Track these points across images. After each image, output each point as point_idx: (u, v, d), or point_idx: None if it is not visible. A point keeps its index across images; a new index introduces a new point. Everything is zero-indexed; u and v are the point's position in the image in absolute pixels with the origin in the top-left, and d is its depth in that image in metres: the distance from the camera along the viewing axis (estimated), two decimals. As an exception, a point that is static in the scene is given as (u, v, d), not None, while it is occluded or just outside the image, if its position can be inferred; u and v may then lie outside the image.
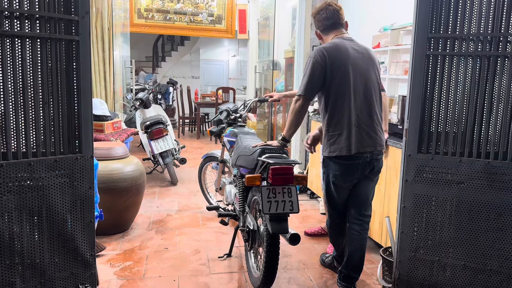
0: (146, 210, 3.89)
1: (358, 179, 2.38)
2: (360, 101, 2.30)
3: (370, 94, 2.33)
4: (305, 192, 4.54)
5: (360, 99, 2.30)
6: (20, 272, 1.68)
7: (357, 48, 2.35)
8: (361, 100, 2.30)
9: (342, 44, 2.32)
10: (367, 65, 2.34)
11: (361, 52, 2.35)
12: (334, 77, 2.26)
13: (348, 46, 2.32)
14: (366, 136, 2.30)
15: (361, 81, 2.30)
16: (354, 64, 2.29)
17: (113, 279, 2.63)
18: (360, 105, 2.29)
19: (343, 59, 2.27)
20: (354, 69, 2.28)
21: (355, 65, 2.29)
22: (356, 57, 2.31)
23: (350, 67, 2.27)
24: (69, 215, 1.80)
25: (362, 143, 2.29)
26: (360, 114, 2.29)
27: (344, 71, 2.26)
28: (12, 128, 1.63)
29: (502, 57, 1.85)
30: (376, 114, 2.35)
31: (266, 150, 2.38)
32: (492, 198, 1.91)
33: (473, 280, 1.98)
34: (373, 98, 2.34)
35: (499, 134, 1.89)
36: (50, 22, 1.68)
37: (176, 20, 8.20)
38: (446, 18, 1.90)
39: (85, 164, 1.83)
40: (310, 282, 2.68)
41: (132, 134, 5.05)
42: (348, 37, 2.40)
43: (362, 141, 2.29)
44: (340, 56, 2.27)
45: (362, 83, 2.30)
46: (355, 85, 2.28)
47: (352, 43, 2.36)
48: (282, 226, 2.20)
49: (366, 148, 2.30)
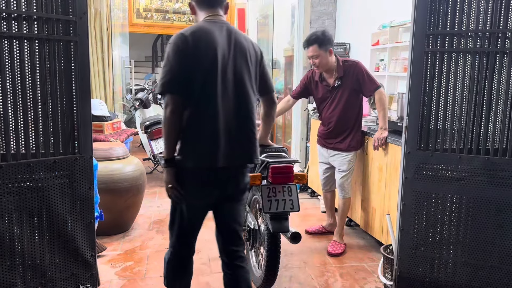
0: (147, 210, 3.89)
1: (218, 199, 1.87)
2: (230, 102, 1.79)
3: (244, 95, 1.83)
4: (306, 190, 4.54)
5: (230, 99, 1.79)
6: (21, 273, 1.69)
7: (233, 37, 1.83)
8: (230, 100, 1.79)
9: (210, 29, 1.79)
10: (241, 58, 1.83)
11: (238, 41, 1.83)
12: (197, 69, 1.74)
13: (219, 32, 1.80)
14: (236, 145, 1.81)
15: (232, 77, 1.80)
16: (223, 55, 1.77)
17: (114, 279, 2.63)
18: (229, 107, 1.78)
19: (211, 47, 1.75)
20: (223, 60, 1.77)
21: (224, 56, 1.77)
22: (227, 46, 1.79)
23: (219, 57, 1.75)
24: (69, 216, 1.80)
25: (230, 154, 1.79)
26: (229, 117, 1.78)
27: (210, 62, 1.75)
28: (11, 129, 1.63)
29: (501, 53, 1.85)
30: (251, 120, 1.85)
31: (266, 149, 2.38)
32: (492, 194, 1.91)
33: (474, 277, 1.98)
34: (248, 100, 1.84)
35: (498, 130, 1.89)
36: (48, 23, 1.68)
37: (175, 19, 8.19)
38: (444, 15, 1.90)
39: (85, 164, 1.83)
40: (312, 280, 2.68)
41: (132, 134, 5.06)
42: (222, 21, 1.86)
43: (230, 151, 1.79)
44: (206, 43, 1.75)
45: (232, 79, 1.80)
46: (224, 81, 1.77)
47: (226, 30, 1.83)
48: (283, 225, 2.20)
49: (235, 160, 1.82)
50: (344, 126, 3.03)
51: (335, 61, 2.96)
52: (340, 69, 2.95)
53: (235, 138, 1.81)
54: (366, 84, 2.91)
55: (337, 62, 2.97)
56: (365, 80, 2.91)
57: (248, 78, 1.85)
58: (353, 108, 3.01)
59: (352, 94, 2.97)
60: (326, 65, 2.93)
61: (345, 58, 3.01)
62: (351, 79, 2.93)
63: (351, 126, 3.04)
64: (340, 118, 3.02)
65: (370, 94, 2.95)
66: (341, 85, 2.97)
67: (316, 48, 2.88)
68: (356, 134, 3.07)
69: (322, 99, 3.10)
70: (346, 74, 2.94)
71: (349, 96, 2.97)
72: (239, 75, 1.82)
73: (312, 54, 2.91)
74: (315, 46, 2.88)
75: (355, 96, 2.99)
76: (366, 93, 2.96)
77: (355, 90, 2.97)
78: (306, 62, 4.81)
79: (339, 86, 2.97)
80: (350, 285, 2.63)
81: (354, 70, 2.93)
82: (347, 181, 3.11)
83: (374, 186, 3.11)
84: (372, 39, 3.97)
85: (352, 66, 2.94)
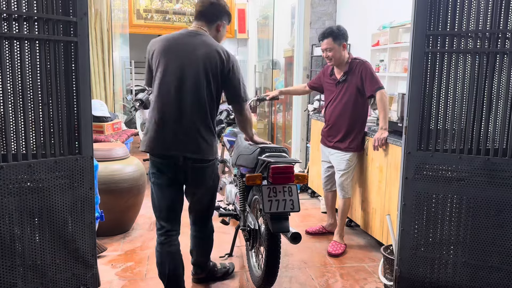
0: (147, 210, 3.88)
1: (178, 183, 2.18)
2: (174, 99, 2.05)
3: (193, 94, 2.06)
4: (306, 191, 4.54)
5: (176, 97, 2.05)
6: (22, 273, 1.68)
7: (196, 43, 2.08)
8: (176, 98, 2.05)
9: (175, 37, 2.11)
10: (198, 62, 2.05)
11: (198, 47, 2.07)
12: (155, 69, 2.10)
13: (182, 39, 2.09)
14: (172, 137, 2.06)
15: (183, 78, 2.04)
16: (176, 58, 2.05)
17: (115, 279, 2.63)
18: (174, 103, 2.05)
19: (165, 51, 2.06)
20: (175, 63, 2.05)
21: (177, 59, 2.05)
22: (185, 51, 2.06)
23: (170, 61, 2.05)
24: (69, 216, 1.80)
25: (164, 145, 2.07)
26: (171, 112, 2.05)
27: (162, 64, 2.07)
28: (12, 130, 1.63)
29: (501, 54, 1.85)
30: (198, 117, 2.07)
31: (266, 149, 2.38)
32: (492, 194, 1.91)
33: (474, 277, 1.98)
34: (197, 98, 2.06)
35: (498, 130, 1.89)
36: (49, 24, 1.68)
37: (175, 20, 8.20)
38: (444, 15, 1.90)
39: (85, 165, 1.83)
40: (312, 281, 2.68)
41: (132, 135, 5.05)
42: (194, 31, 2.14)
43: (165, 142, 2.07)
44: (162, 48, 2.07)
45: (184, 81, 2.05)
46: (173, 81, 2.05)
47: (193, 38, 2.09)
48: (283, 225, 2.20)
49: (170, 151, 2.08)
50: (344, 123, 3.04)
51: (347, 57, 3.04)
52: (347, 65, 3.03)
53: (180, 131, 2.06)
54: (368, 82, 2.94)
55: (348, 59, 3.05)
56: (368, 79, 2.94)
57: (204, 82, 2.07)
58: (356, 108, 3.02)
59: (356, 93, 3.00)
60: (338, 59, 3.02)
61: (356, 56, 3.07)
62: (356, 76, 2.99)
63: (352, 126, 3.05)
64: (340, 114, 3.04)
65: (370, 93, 2.96)
66: (346, 81, 3.03)
67: (330, 41, 2.98)
68: (357, 135, 3.07)
69: (329, 94, 3.18)
70: (353, 70, 3.01)
71: (352, 94, 3.00)
72: (192, 76, 2.06)
73: (326, 47, 3.01)
74: (329, 39, 2.99)
75: (359, 96, 3.01)
76: (367, 91, 2.97)
77: (359, 90, 2.98)
78: (306, 62, 4.81)
79: (344, 81, 3.04)
80: (350, 286, 2.63)
81: (360, 68, 2.99)
82: (347, 181, 3.11)
83: (374, 186, 3.11)
84: (372, 40, 3.97)
85: (360, 63, 3.01)
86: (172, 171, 2.13)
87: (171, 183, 2.17)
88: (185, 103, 2.06)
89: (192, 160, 2.11)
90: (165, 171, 2.14)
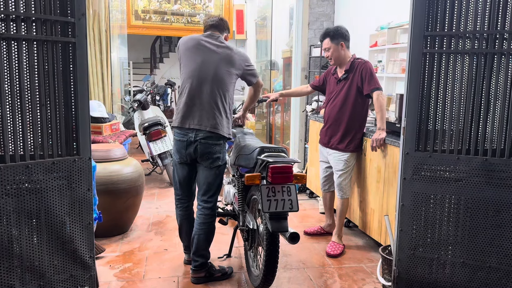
0: (145, 211, 3.89)
1: (191, 160, 2.58)
2: (198, 85, 2.53)
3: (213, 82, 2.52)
4: (304, 191, 4.54)
5: (199, 83, 2.53)
6: (19, 275, 1.68)
7: (213, 44, 2.59)
8: (199, 84, 2.53)
9: (197, 38, 2.63)
10: (215, 59, 2.56)
11: (216, 48, 2.58)
12: (182, 61, 2.62)
13: (202, 40, 2.60)
14: (197, 113, 2.53)
15: (205, 69, 2.53)
16: (198, 54, 2.56)
17: (113, 280, 2.63)
18: (197, 88, 2.54)
19: (191, 48, 2.59)
20: (197, 57, 2.56)
21: (198, 54, 2.56)
22: (206, 50, 2.57)
23: (195, 55, 2.56)
24: (67, 217, 1.80)
25: (189, 120, 2.54)
26: (196, 94, 2.53)
27: (188, 57, 2.58)
28: (10, 130, 1.62)
29: (499, 54, 1.85)
30: (216, 100, 2.53)
31: (265, 149, 2.38)
32: (490, 195, 1.91)
33: (472, 277, 1.99)
34: (215, 86, 2.53)
35: (496, 131, 1.89)
36: (46, 24, 1.68)
37: (173, 21, 8.20)
38: (442, 16, 1.91)
39: (83, 166, 1.83)
40: (310, 281, 2.68)
41: (131, 135, 5.05)
42: (208, 34, 2.64)
43: (189, 117, 2.55)
44: (188, 46, 2.60)
45: (205, 71, 2.53)
46: (196, 71, 2.53)
47: (210, 39, 2.60)
48: (282, 224, 2.20)
49: (191, 125, 2.53)
50: (343, 121, 3.05)
51: (348, 56, 3.08)
52: (349, 64, 3.06)
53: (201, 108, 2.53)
54: (366, 82, 2.96)
55: (350, 58, 3.08)
56: (366, 78, 2.96)
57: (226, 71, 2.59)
58: (355, 106, 3.03)
59: (356, 92, 3.01)
60: (337, 58, 3.07)
61: (358, 57, 3.09)
62: (357, 75, 3.01)
63: (350, 125, 3.05)
64: (339, 111, 3.06)
65: (366, 93, 2.97)
66: (347, 79, 3.04)
67: (328, 41, 3.07)
68: (356, 135, 3.08)
69: (329, 92, 3.21)
70: (353, 69, 3.03)
71: (352, 93, 3.01)
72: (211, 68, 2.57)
73: (325, 46, 3.11)
74: (327, 39, 3.08)
75: (359, 95, 3.01)
76: (364, 90, 2.98)
77: (359, 89, 2.99)
78: (304, 63, 4.82)
79: (345, 79, 3.05)
80: (348, 286, 2.63)
81: (361, 67, 3.01)
82: (345, 181, 3.11)
83: (372, 187, 3.11)
84: (370, 41, 3.98)
85: (361, 63, 3.03)
86: (187, 147, 2.54)
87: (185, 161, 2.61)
88: (206, 90, 2.52)
89: (205, 134, 2.50)
90: (182, 149, 2.56)
